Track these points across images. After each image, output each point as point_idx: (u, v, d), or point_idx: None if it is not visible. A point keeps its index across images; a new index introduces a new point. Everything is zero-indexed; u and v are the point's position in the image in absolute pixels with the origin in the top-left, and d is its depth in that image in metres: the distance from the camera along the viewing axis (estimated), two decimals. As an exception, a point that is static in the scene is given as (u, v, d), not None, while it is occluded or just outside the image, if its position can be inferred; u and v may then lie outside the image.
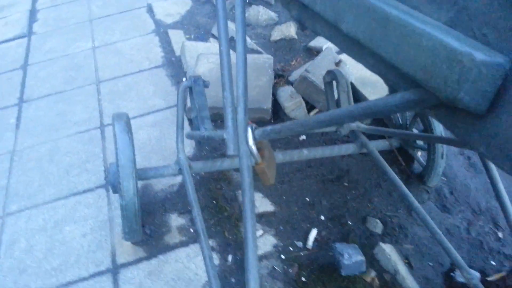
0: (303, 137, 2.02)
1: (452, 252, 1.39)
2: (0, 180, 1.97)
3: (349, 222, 1.66)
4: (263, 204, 1.72)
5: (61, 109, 2.33)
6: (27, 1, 3.55)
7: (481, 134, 0.55)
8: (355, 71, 2.17)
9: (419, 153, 1.89)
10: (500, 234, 1.65)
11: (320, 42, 2.53)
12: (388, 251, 1.50)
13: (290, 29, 2.65)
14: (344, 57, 2.22)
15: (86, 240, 1.66)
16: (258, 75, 2.23)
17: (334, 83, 1.81)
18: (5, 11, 3.46)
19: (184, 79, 2.42)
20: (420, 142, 1.82)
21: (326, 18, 0.83)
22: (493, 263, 1.55)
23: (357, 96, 2.14)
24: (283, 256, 1.54)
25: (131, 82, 2.46)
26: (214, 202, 1.74)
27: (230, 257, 1.54)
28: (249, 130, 1.08)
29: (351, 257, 1.45)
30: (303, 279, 1.45)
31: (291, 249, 1.57)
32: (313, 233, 1.62)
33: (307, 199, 1.75)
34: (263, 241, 1.58)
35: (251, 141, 1.08)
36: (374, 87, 2.13)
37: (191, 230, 1.65)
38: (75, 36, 2.96)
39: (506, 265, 1.54)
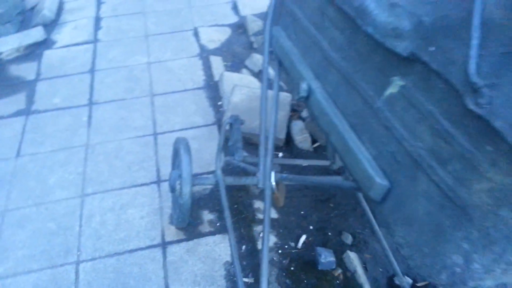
0: (305, 164, 2.68)
1: (394, 264, 2.06)
2: (78, 167, 2.66)
3: (329, 233, 2.33)
4: (270, 213, 2.39)
5: (123, 115, 3.01)
6: (92, 8, 4.21)
7: (378, 210, 1.21)
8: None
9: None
10: (435, 256, 2.31)
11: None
12: (352, 257, 2.17)
13: (308, 71, 3.29)
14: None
15: (143, 221, 2.35)
16: (278, 109, 2.88)
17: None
18: (75, 15, 4.12)
19: (219, 103, 3.09)
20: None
21: (323, 128, 1.49)
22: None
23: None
24: (280, 251, 2.22)
25: (178, 98, 3.13)
26: (235, 206, 2.41)
27: (243, 247, 2.22)
28: (273, 173, 1.76)
29: (326, 257, 2.13)
30: (292, 268, 2.14)
31: (286, 246, 2.25)
32: (303, 237, 2.29)
33: (302, 212, 2.42)
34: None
35: (273, 180, 1.75)
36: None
37: (218, 224, 2.33)
38: (134, 49, 3.62)
39: (434, 278, 2.21)
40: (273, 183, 1.75)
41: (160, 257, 2.19)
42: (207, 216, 2.38)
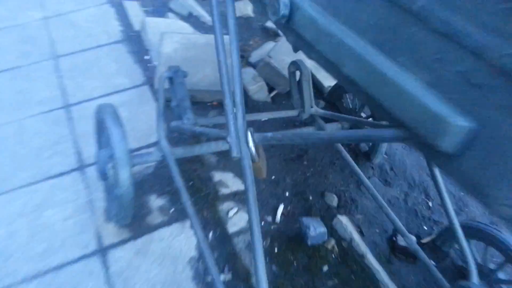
0: (265, 118, 2.20)
1: (395, 220, 1.68)
2: (-33, 163, 1.96)
3: (310, 197, 1.91)
4: (235, 184, 1.91)
5: (20, 87, 2.29)
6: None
7: (454, 168, 0.76)
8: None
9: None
10: (430, 204, 1.99)
11: (276, 22, 2.67)
12: (344, 222, 1.78)
13: (247, 7, 2.74)
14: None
15: (68, 223, 1.75)
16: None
17: (298, 72, 1.99)
18: None
19: (147, 57, 2.47)
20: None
21: (327, 57, 0.99)
22: (425, 227, 1.89)
23: (314, 81, 2.34)
24: (256, 231, 1.76)
25: (92, 58, 2.46)
26: (190, 183, 1.89)
27: (211, 234, 1.73)
28: (249, 134, 1.24)
29: (316, 229, 1.71)
30: (276, 249, 1.69)
31: (263, 223, 1.79)
32: (280, 208, 1.85)
33: (273, 177, 1.97)
34: (238, 218, 1.79)
35: (251, 144, 1.24)
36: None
37: (172, 211, 1.81)
38: (23, 2, 2.82)
39: (435, 229, 1.89)
40: (252, 148, 1.24)
41: (100, 268, 1.63)
42: (156, 202, 1.84)
